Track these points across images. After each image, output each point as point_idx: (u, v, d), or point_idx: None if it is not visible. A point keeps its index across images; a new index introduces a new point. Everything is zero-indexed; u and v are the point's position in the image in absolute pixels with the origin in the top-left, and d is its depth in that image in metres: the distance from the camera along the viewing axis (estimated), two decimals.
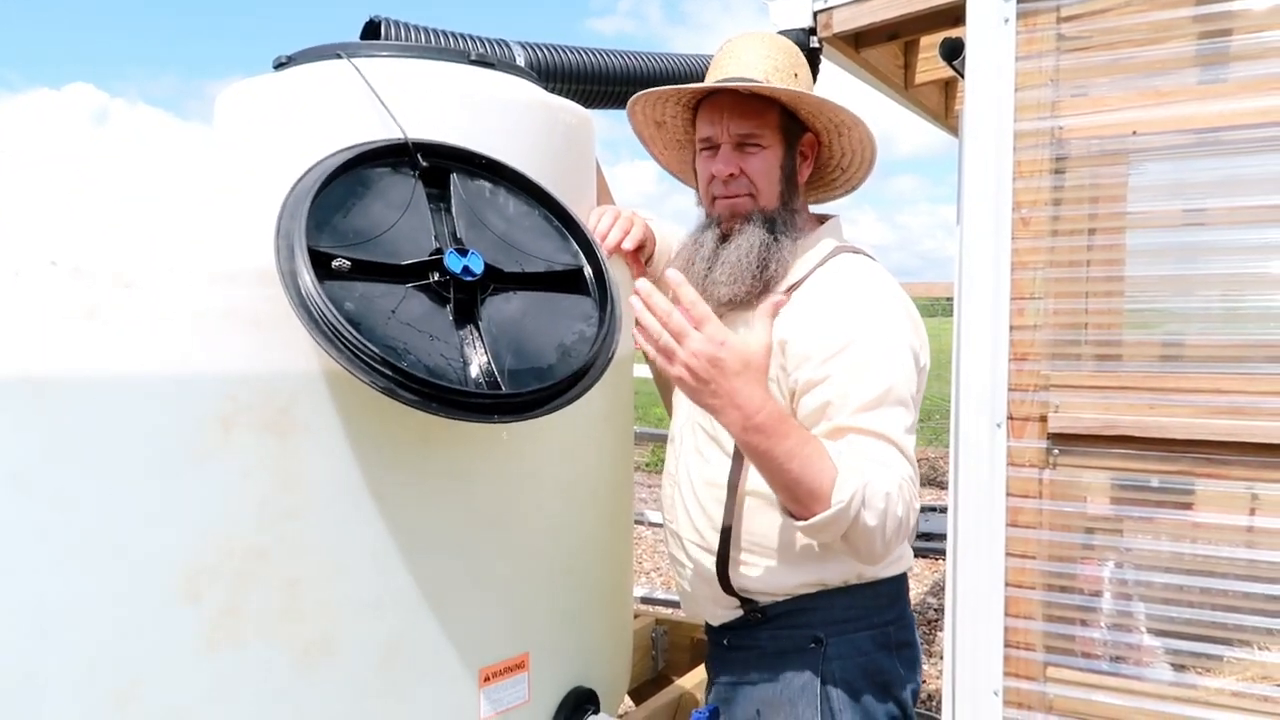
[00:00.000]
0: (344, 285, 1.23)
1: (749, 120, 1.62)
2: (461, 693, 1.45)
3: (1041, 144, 1.97)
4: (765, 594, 1.62)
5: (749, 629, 1.66)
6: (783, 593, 1.61)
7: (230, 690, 1.24)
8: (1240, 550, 1.88)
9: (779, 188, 1.65)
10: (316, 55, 1.53)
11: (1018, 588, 1.99)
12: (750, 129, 1.62)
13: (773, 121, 1.63)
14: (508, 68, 1.63)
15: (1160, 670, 1.95)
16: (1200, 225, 2.00)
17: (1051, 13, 1.97)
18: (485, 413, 1.24)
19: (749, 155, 1.63)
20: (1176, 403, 1.86)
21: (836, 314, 1.53)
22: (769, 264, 1.60)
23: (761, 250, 1.59)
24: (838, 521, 1.34)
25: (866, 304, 1.54)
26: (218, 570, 1.22)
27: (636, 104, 1.76)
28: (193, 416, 1.20)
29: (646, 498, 7.43)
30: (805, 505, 1.36)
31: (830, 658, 1.58)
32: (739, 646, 1.68)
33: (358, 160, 1.34)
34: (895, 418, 1.44)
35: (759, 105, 1.62)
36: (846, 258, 1.63)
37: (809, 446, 1.36)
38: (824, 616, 1.60)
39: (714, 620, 1.72)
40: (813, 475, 1.35)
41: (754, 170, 1.63)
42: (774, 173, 1.64)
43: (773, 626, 1.63)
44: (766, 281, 1.60)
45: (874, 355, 1.47)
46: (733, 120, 1.62)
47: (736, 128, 1.62)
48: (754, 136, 1.62)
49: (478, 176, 1.46)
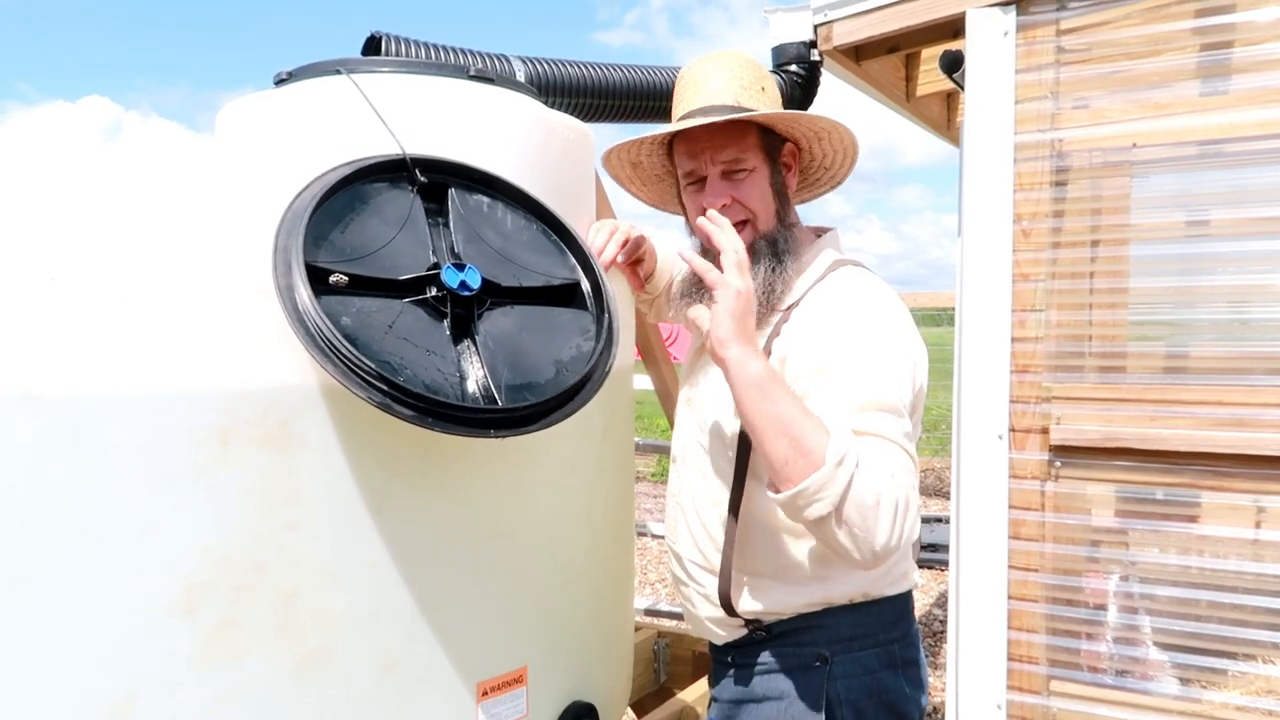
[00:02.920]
0: (341, 300, 1.23)
1: (730, 147, 1.59)
2: (459, 707, 1.45)
3: (1042, 156, 1.98)
4: (767, 613, 1.60)
5: (753, 646, 1.63)
6: (786, 612, 1.59)
7: (227, 703, 1.24)
8: (1246, 563, 1.88)
9: (773, 207, 1.63)
10: (317, 71, 1.54)
11: (1020, 600, 1.99)
12: (733, 155, 1.59)
13: (753, 142, 1.60)
14: (507, 83, 1.64)
15: (1165, 684, 1.94)
16: (1203, 237, 2.00)
17: (1051, 25, 1.98)
18: (481, 427, 1.24)
19: (738, 182, 1.60)
20: (1179, 415, 1.86)
21: (830, 329, 1.51)
22: (775, 289, 1.58)
23: (768, 279, 1.58)
24: (833, 482, 1.29)
25: (860, 318, 1.52)
26: (216, 583, 1.22)
27: (611, 154, 1.74)
28: (191, 431, 1.20)
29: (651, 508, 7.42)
30: (798, 463, 1.31)
31: (835, 676, 1.56)
32: (743, 665, 1.65)
33: (356, 176, 1.34)
34: (889, 422, 1.41)
35: (737, 129, 1.59)
36: (844, 271, 1.62)
37: (803, 403, 1.38)
38: (829, 635, 1.58)
39: (718, 640, 1.70)
40: (811, 428, 1.32)
41: (746, 196, 1.60)
42: (766, 194, 1.62)
43: (777, 644, 1.61)
44: (773, 306, 1.59)
45: (866, 366, 1.45)
46: (713, 150, 1.59)
47: (719, 156, 1.59)
48: (738, 162, 1.59)
49: (475, 191, 1.47)
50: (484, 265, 1.37)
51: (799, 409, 1.35)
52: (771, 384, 1.36)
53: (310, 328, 1.17)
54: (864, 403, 1.41)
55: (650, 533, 4.45)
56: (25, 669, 1.15)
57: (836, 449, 1.30)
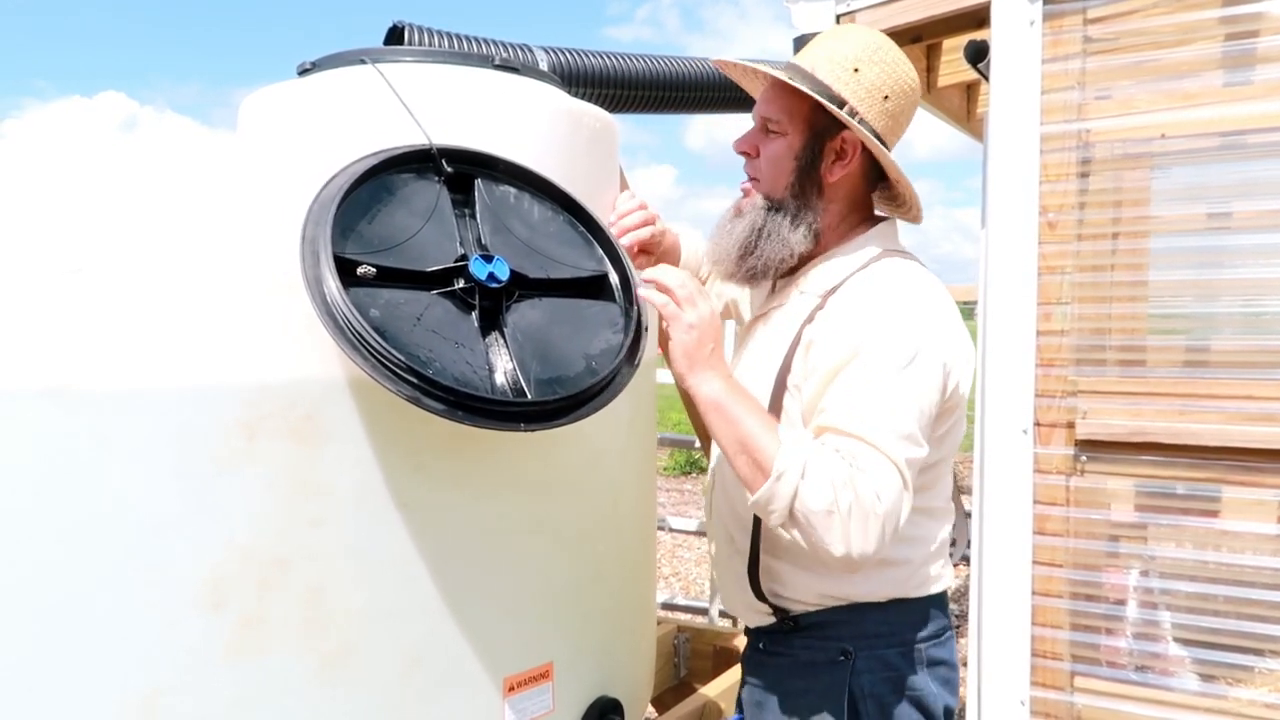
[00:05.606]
0: (369, 292, 1.22)
1: (775, 105, 1.60)
2: (486, 702, 1.44)
3: (1068, 147, 1.95)
4: (794, 601, 1.61)
5: (783, 635, 1.65)
6: (810, 602, 1.60)
7: (253, 700, 1.24)
8: (1269, 559, 1.86)
9: (788, 178, 1.59)
10: (341, 61, 1.52)
11: (1045, 596, 1.97)
12: (774, 113, 1.60)
13: (800, 111, 1.58)
14: (532, 72, 1.62)
15: (1187, 680, 1.93)
16: (1225, 229, 1.98)
17: (1078, 14, 1.95)
18: (511, 420, 1.23)
19: (768, 140, 1.62)
20: (1208, 409, 1.83)
21: (853, 321, 1.49)
22: (755, 250, 1.60)
23: (748, 237, 1.60)
24: (776, 495, 1.34)
25: (886, 312, 1.49)
26: (241, 578, 1.21)
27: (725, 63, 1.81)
28: (216, 424, 1.20)
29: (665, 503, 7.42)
30: (756, 477, 1.37)
31: (859, 671, 1.56)
32: (773, 652, 1.67)
33: (382, 166, 1.33)
34: (885, 423, 1.38)
35: (791, 93, 1.57)
36: (888, 262, 1.58)
37: (765, 417, 1.42)
38: (854, 630, 1.58)
39: (749, 622, 1.72)
40: (765, 442, 1.37)
41: (765, 156, 1.61)
42: (784, 162, 1.59)
43: (804, 636, 1.61)
44: (756, 267, 1.61)
45: (878, 365, 1.43)
46: (765, 102, 1.62)
47: (764, 110, 1.62)
48: (776, 122, 1.60)
49: (502, 182, 1.45)
50: (511, 257, 1.35)
51: (758, 423, 1.40)
52: (730, 404, 1.41)
53: (339, 320, 1.16)
54: (862, 403, 1.40)
55: (667, 526, 4.44)
56: (51, 666, 1.15)
57: (780, 463, 1.34)
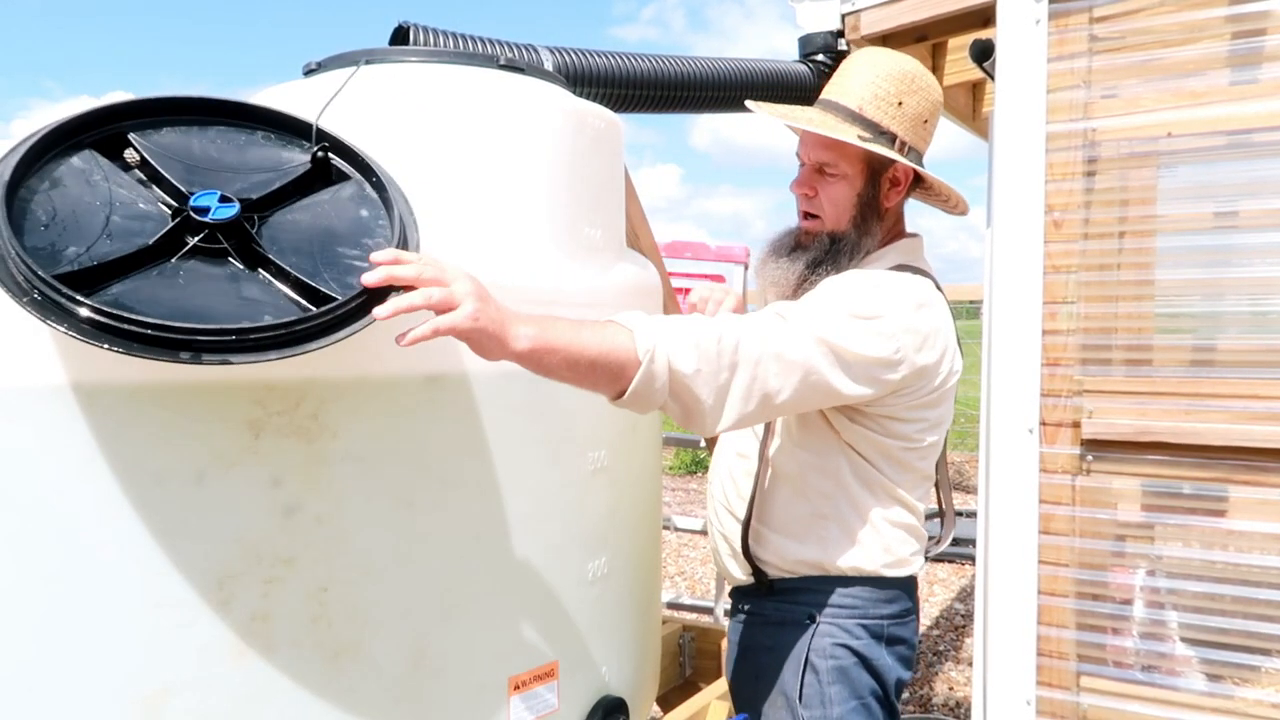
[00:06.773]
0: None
1: (830, 150, 1.64)
2: (491, 701, 1.44)
3: (1074, 145, 1.95)
4: (771, 565, 1.71)
5: (759, 598, 1.75)
6: (787, 566, 1.69)
7: (259, 697, 1.24)
8: (1276, 558, 1.85)
9: (851, 214, 1.67)
10: (346, 61, 1.53)
11: (1050, 596, 1.97)
12: (830, 159, 1.65)
13: (854, 153, 1.64)
14: (537, 72, 1.62)
15: (1194, 680, 1.92)
16: (1232, 228, 1.97)
17: (1083, 13, 1.94)
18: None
19: (826, 181, 1.66)
20: (1214, 409, 1.83)
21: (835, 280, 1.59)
22: (811, 278, 1.65)
23: (804, 272, 1.66)
24: (652, 375, 1.31)
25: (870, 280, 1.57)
26: (247, 576, 1.22)
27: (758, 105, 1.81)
28: (222, 422, 1.20)
29: (671, 502, 7.42)
30: (619, 377, 1.31)
31: (820, 634, 1.66)
32: (751, 613, 1.77)
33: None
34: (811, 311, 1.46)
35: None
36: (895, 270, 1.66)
37: (596, 325, 1.32)
38: (822, 599, 1.67)
39: (733, 581, 1.82)
40: (613, 344, 1.30)
41: (827, 196, 1.66)
42: (846, 201, 1.66)
43: (777, 599, 1.72)
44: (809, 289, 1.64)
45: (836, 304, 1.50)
46: (815, 147, 1.66)
47: (816, 155, 1.66)
48: (832, 166, 1.65)
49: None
50: (217, 187, 1.21)
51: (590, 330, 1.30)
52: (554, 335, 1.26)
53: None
54: (796, 308, 1.48)
55: (672, 525, 4.43)
56: (60, 663, 1.15)
57: (642, 344, 1.31)
